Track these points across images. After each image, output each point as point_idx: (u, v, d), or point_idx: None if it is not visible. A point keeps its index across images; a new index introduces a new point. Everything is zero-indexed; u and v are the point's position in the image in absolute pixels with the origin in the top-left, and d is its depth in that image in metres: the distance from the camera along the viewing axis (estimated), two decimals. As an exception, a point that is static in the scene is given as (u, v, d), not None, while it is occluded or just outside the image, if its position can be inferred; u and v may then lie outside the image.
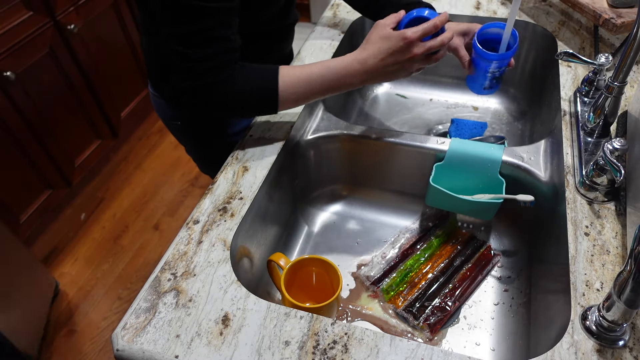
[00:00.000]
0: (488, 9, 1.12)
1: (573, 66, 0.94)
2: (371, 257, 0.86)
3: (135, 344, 0.55)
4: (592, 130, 0.76)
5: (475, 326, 0.76)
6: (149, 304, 0.59)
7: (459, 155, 0.81)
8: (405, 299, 0.79)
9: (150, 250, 1.82)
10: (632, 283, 0.45)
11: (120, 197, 2.02)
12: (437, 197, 0.82)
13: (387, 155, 0.87)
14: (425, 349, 0.53)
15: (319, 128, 0.87)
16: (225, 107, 0.74)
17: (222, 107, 0.74)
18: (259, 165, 0.77)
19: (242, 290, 0.60)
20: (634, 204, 0.61)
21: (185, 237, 0.67)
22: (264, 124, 0.85)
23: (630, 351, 0.52)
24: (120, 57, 2.02)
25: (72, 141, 1.85)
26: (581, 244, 0.63)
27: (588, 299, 0.57)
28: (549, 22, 1.07)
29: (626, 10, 0.91)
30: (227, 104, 0.73)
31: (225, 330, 0.56)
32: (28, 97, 1.60)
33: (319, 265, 0.71)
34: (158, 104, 0.96)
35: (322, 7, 2.77)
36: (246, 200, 0.71)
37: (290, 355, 0.54)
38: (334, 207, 0.96)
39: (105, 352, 1.51)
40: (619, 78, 0.69)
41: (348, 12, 1.15)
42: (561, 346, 0.53)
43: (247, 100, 0.74)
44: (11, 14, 1.50)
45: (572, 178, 0.71)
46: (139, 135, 2.29)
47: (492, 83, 0.87)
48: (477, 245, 0.86)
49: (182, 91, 0.72)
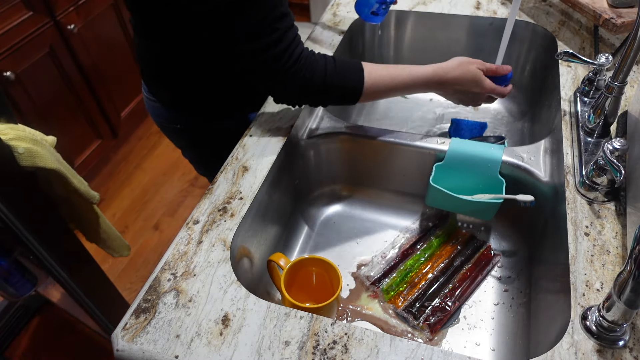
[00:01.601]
0: (488, 8, 1.12)
1: (573, 66, 0.94)
2: (371, 257, 0.86)
3: (135, 344, 0.55)
4: (592, 130, 0.76)
5: (475, 326, 0.76)
6: (149, 304, 0.59)
7: (459, 155, 0.81)
8: (405, 299, 0.79)
9: (150, 250, 1.82)
10: (632, 283, 0.45)
11: (120, 197, 2.02)
12: (437, 197, 0.82)
13: (387, 155, 0.87)
14: (425, 349, 0.53)
15: (319, 128, 0.87)
16: (309, 89, 0.75)
17: (308, 87, 0.74)
18: (259, 165, 0.77)
19: (242, 291, 0.60)
20: (634, 204, 0.61)
21: (185, 237, 0.67)
22: (264, 124, 0.85)
23: (630, 351, 0.52)
24: (120, 57, 2.02)
25: (72, 141, 1.85)
26: (581, 244, 0.63)
27: (588, 299, 0.57)
28: (549, 22, 1.07)
29: (626, 10, 0.91)
30: (313, 85, 0.74)
31: (225, 331, 0.56)
32: (28, 97, 1.60)
33: (319, 265, 0.71)
34: (154, 107, 0.96)
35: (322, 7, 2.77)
36: (246, 200, 0.71)
37: (290, 355, 0.54)
38: (334, 207, 0.96)
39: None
40: (619, 78, 0.69)
41: (348, 12, 1.15)
42: (561, 346, 0.53)
43: (333, 85, 0.75)
44: (11, 14, 1.50)
45: (572, 178, 0.71)
46: (139, 135, 2.29)
47: (380, 9, 0.93)
48: (477, 245, 0.86)
49: (275, 80, 0.73)
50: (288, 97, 0.77)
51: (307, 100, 0.77)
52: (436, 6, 1.14)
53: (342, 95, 0.77)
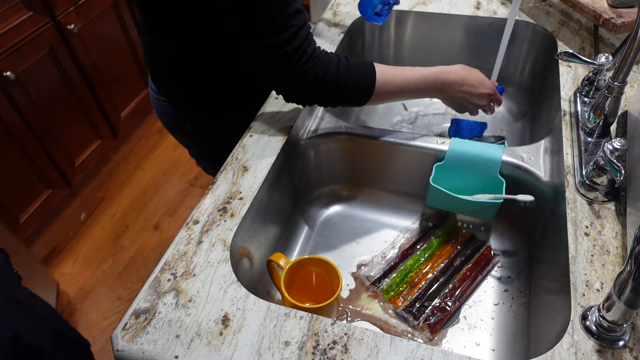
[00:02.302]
0: (488, 8, 1.12)
1: (573, 66, 0.94)
2: (371, 257, 0.86)
3: (135, 344, 0.55)
4: (592, 130, 0.76)
5: (475, 326, 0.76)
6: (148, 304, 0.59)
7: (459, 155, 0.81)
8: (405, 299, 0.79)
9: (150, 250, 1.82)
10: (632, 283, 0.45)
11: (120, 197, 2.02)
12: (437, 197, 0.82)
13: (387, 155, 0.87)
14: (425, 349, 0.53)
15: (319, 128, 0.87)
16: (323, 87, 0.74)
17: (322, 86, 0.74)
18: (259, 165, 0.77)
19: (242, 291, 0.60)
20: (634, 204, 0.61)
21: (185, 237, 0.67)
22: (264, 124, 0.85)
23: (630, 351, 0.52)
24: (120, 57, 2.02)
25: (72, 141, 1.85)
26: (581, 244, 0.63)
27: (588, 299, 0.57)
28: (549, 22, 1.07)
29: (626, 10, 0.91)
30: (326, 85, 0.74)
31: (225, 331, 0.56)
32: (28, 97, 1.60)
33: (319, 266, 0.71)
34: (160, 106, 0.96)
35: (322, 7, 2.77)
36: (246, 200, 0.71)
37: (290, 355, 0.54)
38: (334, 207, 0.95)
39: (105, 352, 1.51)
40: (619, 78, 0.69)
41: (348, 12, 1.15)
42: (561, 346, 0.53)
43: (345, 84, 0.75)
44: (11, 14, 1.50)
45: (572, 178, 0.71)
46: (139, 135, 2.29)
47: (383, 10, 0.94)
48: (477, 245, 0.86)
49: (286, 80, 0.73)
50: (300, 95, 0.76)
51: (319, 99, 0.77)
52: (436, 6, 1.14)
53: (353, 95, 0.77)
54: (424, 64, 0.81)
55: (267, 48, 0.69)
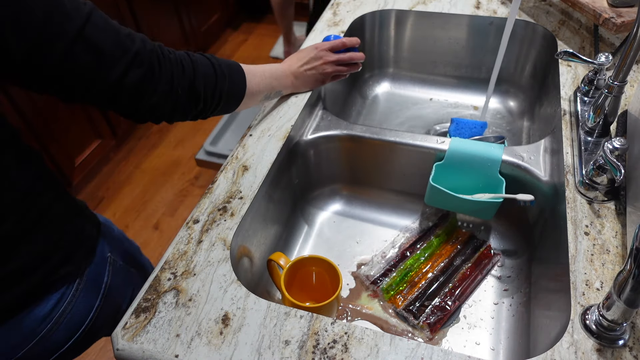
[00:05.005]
0: (488, 8, 1.12)
1: (573, 65, 0.94)
2: (371, 257, 0.86)
3: (135, 343, 0.55)
4: (592, 129, 0.76)
5: (475, 325, 0.76)
6: (148, 304, 0.59)
7: (459, 155, 0.81)
8: (405, 299, 0.79)
9: (150, 250, 1.82)
10: (632, 282, 0.45)
11: (120, 197, 2.02)
12: (437, 196, 0.82)
13: (387, 155, 0.87)
14: (425, 348, 0.53)
15: (318, 128, 0.87)
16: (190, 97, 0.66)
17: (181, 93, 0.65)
18: (259, 164, 0.77)
19: (242, 290, 0.60)
20: (634, 203, 0.61)
21: (185, 236, 0.67)
22: (264, 124, 0.85)
23: (630, 350, 0.52)
24: (120, 56, 2.02)
25: (72, 141, 1.85)
26: (581, 243, 0.63)
27: (588, 299, 0.57)
28: (549, 21, 1.07)
29: (626, 9, 0.91)
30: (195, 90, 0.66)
31: (225, 330, 0.56)
32: (28, 97, 1.59)
33: (318, 265, 0.71)
34: None
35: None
36: (246, 200, 0.71)
37: (290, 354, 0.54)
38: (334, 206, 0.96)
39: (105, 352, 1.51)
40: (619, 77, 0.69)
41: (348, 12, 1.15)
42: (561, 345, 0.53)
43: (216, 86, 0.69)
44: (11, 14, 1.50)
45: (572, 177, 0.71)
46: (139, 135, 2.29)
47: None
48: (477, 244, 0.86)
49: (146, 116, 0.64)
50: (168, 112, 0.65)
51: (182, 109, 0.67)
52: (436, 5, 1.14)
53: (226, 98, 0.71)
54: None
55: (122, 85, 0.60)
